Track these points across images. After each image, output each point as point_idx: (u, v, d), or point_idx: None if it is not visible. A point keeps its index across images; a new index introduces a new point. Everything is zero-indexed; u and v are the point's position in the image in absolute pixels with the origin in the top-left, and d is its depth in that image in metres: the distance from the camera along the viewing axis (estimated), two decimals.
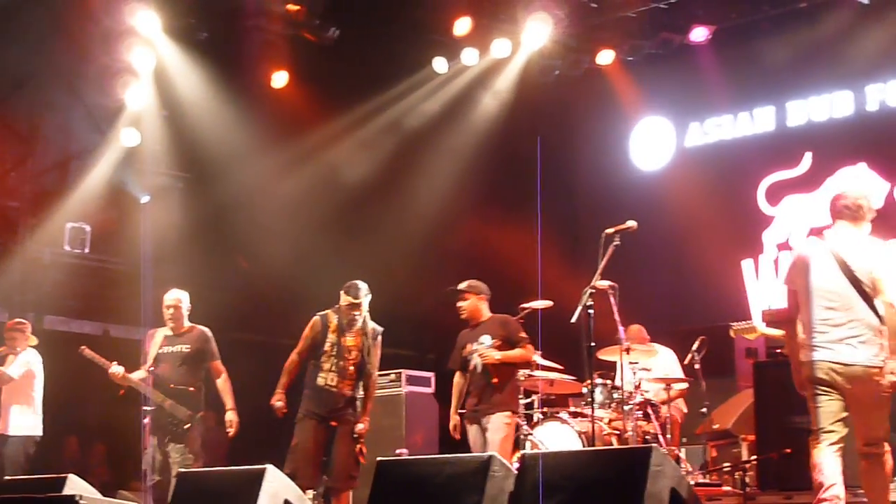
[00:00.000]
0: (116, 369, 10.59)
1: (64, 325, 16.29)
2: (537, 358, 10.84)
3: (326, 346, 9.97)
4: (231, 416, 10.74)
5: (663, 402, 10.98)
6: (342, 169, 15.86)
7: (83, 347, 10.92)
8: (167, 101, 15.41)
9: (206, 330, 11.03)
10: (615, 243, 8.70)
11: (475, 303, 10.40)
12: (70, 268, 15.98)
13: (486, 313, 10.43)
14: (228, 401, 10.75)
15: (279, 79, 15.31)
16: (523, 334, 10.25)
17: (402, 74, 15.56)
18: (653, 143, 15.57)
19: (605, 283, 9.13)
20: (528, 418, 10.91)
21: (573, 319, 8.72)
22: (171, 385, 10.68)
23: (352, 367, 9.93)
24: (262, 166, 15.67)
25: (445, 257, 15.98)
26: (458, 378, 10.57)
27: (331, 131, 15.60)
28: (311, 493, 9.42)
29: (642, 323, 12.00)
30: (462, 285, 10.43)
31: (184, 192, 16.61)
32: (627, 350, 10.44)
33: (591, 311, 8.58)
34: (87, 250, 15.97)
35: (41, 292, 15.77)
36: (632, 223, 8.78)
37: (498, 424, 9.99)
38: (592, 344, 8.71)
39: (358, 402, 9.99)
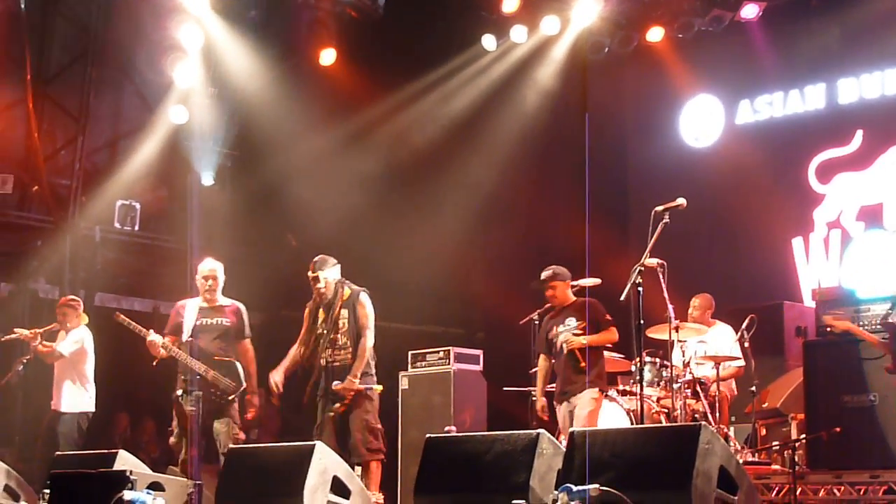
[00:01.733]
0: (154, 337, 10.43)
1: (114, 303, 16.39)
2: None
3: (317, 327, 10.07)
4: (255, 400, 10.66)
5: (716, 381, 10.92)
6: (391, 147, 15.87)
7: (117, 313, 10.90)
8: (216, 79, 15.48)
9: (242, 306, 10.97)
10: (665, 221, 8.65)
11: (562, 289, 10.59)
12: (120, 245, 16.09)
13: (570, 297, 10.62)
14: (252, 383, 10.70)
15: (327, 56, 15.32)
16: (608, 317, 10.36)
17: (450, 52, 15.55)
18: (703, 120, 15.48)
19: (654, 261, 9.08)
20: None
21: (622, 297, 8.70)
22: (215, 357, 10.53)
23: (342, 338, 9.98)
24: (311, 144, 15.69)
25: (494, 236, 16.01)
26: (542, 361, 10.73)
27: (379, 109, 15.60)
28: (358, 469, 9.45)
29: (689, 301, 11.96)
30: (546, 274, 10.59)
31: (233, 169, 16.68)
32: (677, 328, 10.40)
33: (640, 288, 8.54)
34: (136, 228, 16.08)
35: (92, 270, 15.88)
36: (681, 201, 8.74)
37: (585, 400, 10.17)
38: (641, 322, 8.69)
39: (366, 374, 9.96)
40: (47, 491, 7.64)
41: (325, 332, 10.00)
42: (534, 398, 11.18)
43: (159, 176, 16.21)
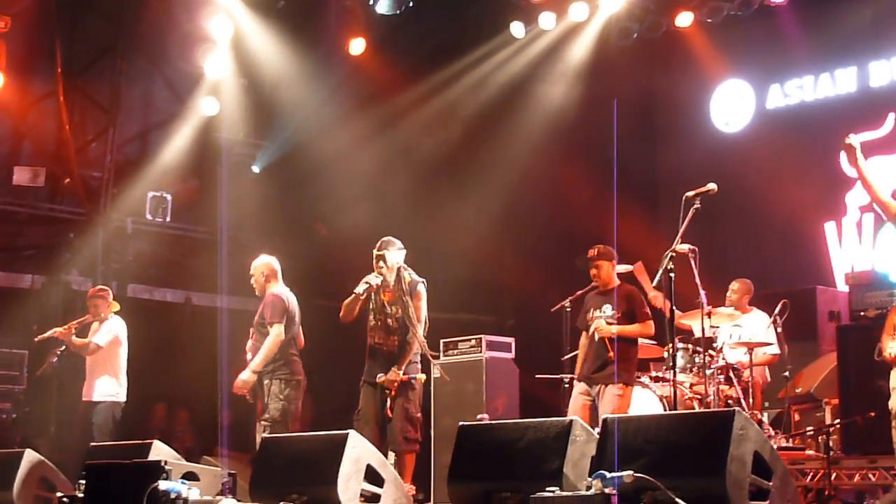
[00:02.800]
0: None
1: (147, 294, 16.47)
2: None
3: (371, 305, 10.04)
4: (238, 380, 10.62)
5: (749, 367, 10.89)
6: (421, 136, 15.87)
7: None
8: (245, 70, 15.52)
9: (274, 293, 10.85)
10: (695, 206, 8.61)
11: (608, 269, 10.38)
12: (152, 236, 16.15)
13: (615, 280, 10.43)
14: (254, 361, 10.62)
15: (357, 45, 15.33)
16: (646, 310, 10.24)
17: (479, 39, 15.53)
18: (733, 105, 15.41)
19: (686, 247, 9.04)
20: None
21: (654, 283, 8.68)
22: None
23: (393, 323, 9.93)
24: (341, 133, 15.71)
25: (525, 224, 15.99)
26: (583, 338, 10.56)
27: (408, 98, 15.61)
28: (392, 456, 9.46)
29: (722, 288, 11.92)
30: (592, 253, 10.42)
31: (262, 159, 16.72)
32: (709, 314, 10.36)
33: (671, 274, 8.51)
34: (168, 219, 16.14)
35: (124, 261, 15.95)
36: (712, 186, 8.70)
37: (609, 397, 10.01)
38: (673, 308, 8.66)
39: (411, 363, 9.94)
40: (82, 481, 7.67)
41: (377, 313, 9.98)
42: (567, 384, 11.17)
43: (190, 167, 16.27)
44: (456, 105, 15.76)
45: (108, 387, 11.88)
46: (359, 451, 7.41)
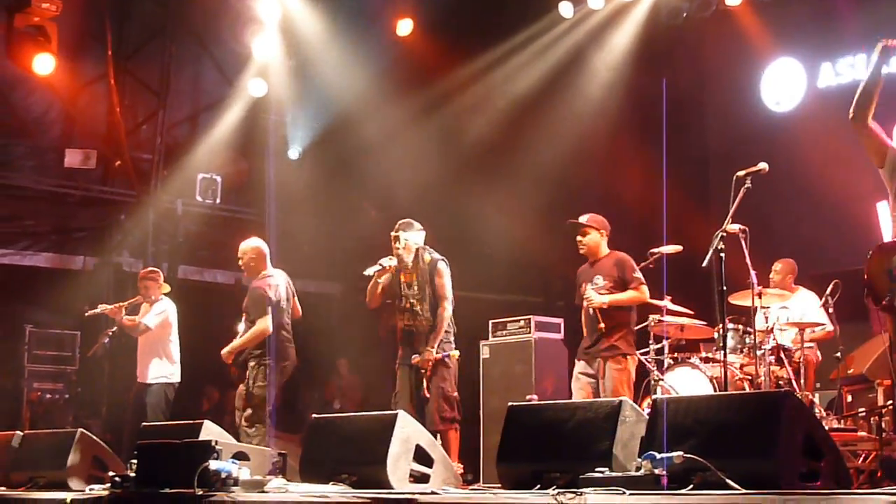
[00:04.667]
0: None
1: (197, 275, 16.57)
2: (668, 303, 10.78)
3: (398, 289, 10.04)
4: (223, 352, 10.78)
5: (800, 347, 10.81)
6: (469, 116, 15.84)
7: None
8: (293, 52, 15.55)
9: (257, 284, 10.96)
10: (746, 186, 8.54)
11: (596, 238, 10.15)
12: (202, 218, 16.24)
13: (604, 249, 10.18)
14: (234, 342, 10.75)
15: (404, 26, 15.33)
16: (638, 275, 9.98)
17: (527, 20, 15.47)
18: (784, 84, 15.28)
19: (736, 227, 8.96)
20: (659, 364, 10.86)
21: (704, 263, 8.62)
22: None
23: (417, 304, 9.95)
24: (389, 114, 15.71)
25: (575, 204, 15.92)
26: (584, 315, 10.35)
27: (457, 78, 15.59)
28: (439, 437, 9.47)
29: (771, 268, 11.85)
30: (583, 218, 10.19)
31: (310, 142, 16.76)
32: (759, 294, 10.29)
33: (722, 254, 8.44)
34: (218, 200, 16.23)
35: (174, 243, 16.06)
36: (763, 165, 8.62)
37: (609, 374, 9.80)
38: (724, 288, 8.60)
39: (443, 341, 9.95)
40: (134, 461, 7.73)
41: (403, 295, 9.99)
42: None
43: (239, 149, 16.35)
44: (504, 85, 15.73)
45: (161, 368, 11.96)
46: (408, 431, 7.42)
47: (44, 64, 13.45)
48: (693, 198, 13.77)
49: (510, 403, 7.23)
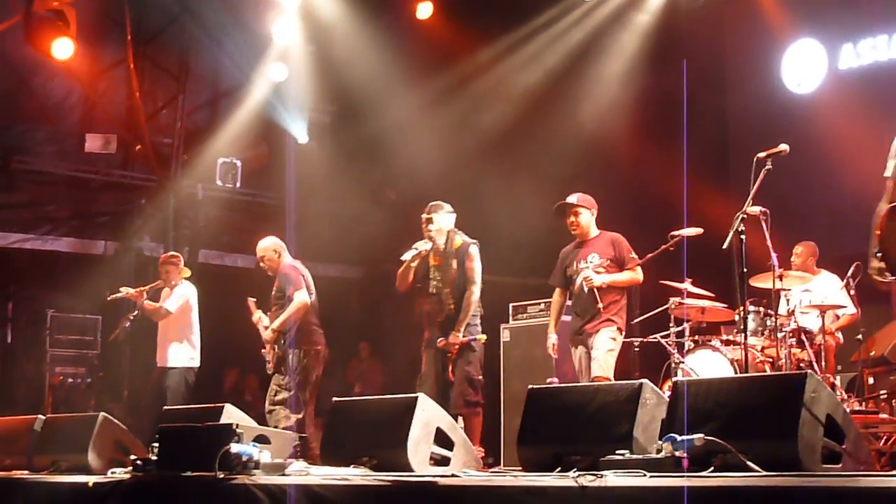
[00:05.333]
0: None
1: (218, 259, 16.62)
2: (688, 286, 10.75)
3: (426, 272, 10.03)
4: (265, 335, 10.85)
5: (821, 330, 10.76)
6: (489, 98, 15.81)
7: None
8: (313, 36, 15.54)
9: (286, 265, 11.04)
10: (767, 168, 8.50)
11: (587, 217, 10.04)
12: (222, 202, 16.28)
13: (595, 229, 10.10)
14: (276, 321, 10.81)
15: (424, 9, 15.31)
16: (633, 255, 9.92)
17: (547, 2, 15.43)
18: (804, 65, 15.20)
19: (757, 209, 8.91)
20: (679, 346, 10.84)
21: (724, 246, 8.58)
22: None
23: (445, 287, 9.92)
24: (409, 98, 15.69)
25: (593, 186, 15.87)
26: (557, 296, 10.30)
27: (477, 61, 15.56)
28: (460, 420, 9.47)
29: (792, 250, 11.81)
30: (573, 198, 10.06)
31: (331, 125, 16.76)
32: (780, 277, 10.25)
33: (742, 237, 8.41)
34: (238, 185, 16.27)
35: (195, 227, 16.10)
36: (784, 147, 8.58)
37: (603, 339, 9.65)
38: (744, 270, 8.56)
39: (470, 325, 9.94)
40: (155, 444, 7.75)
41: (431, 279, 9.97)
42: (637, 348, 11.13)
43: (259, 133, 16.36)
44: (524, 68, 15.69)
45: (181, 352, 11.99)
46: (429, 414, 7.42)
47: (63, 49, 13.48)
48: (713, 180, 13.72)
49: (530, 386, 7.22)
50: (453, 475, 6.66)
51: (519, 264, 15.41)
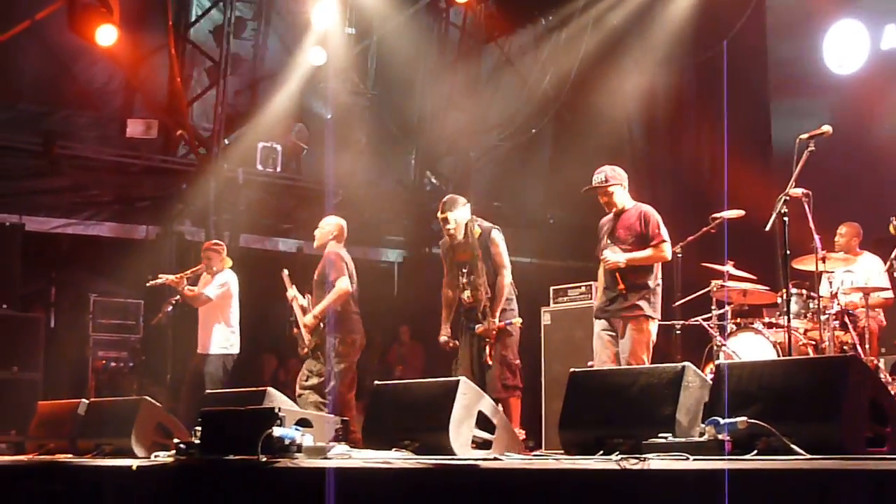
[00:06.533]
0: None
1: (259, 244, 16.66)
2: (730, 269, 10.69)
3: (454, 266, 10.00)
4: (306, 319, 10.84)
5: (864, 312, 10.68)
6: (529, 80, 15.77)
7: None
8: (352, 19, 15.53)
9: (333, 252, 10.99)
10: (810, 149, 8.44)
11: (621, 192, 9.62)
12: (263, 187, 16.31)
13: (628, 202, 9.67)
14: (317, 307, 10.80)
15: None
16: (662, 231, 9.42)
17: None
18: (847, 46, 15.08)
19: (800, 191, 8.85)
20: (722, 329, 10.79)
21: (767, 228, 8.52)
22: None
23: (476, 279, 9.84)
24: (448, 80, 15.67)
25: (635, 168, 15.84)
26: (601, 270, 9.86)
27: (517, 42, 15.52)
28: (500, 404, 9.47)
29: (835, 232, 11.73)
30: (600, 178, 9.62)
31: (371, 109, 16.75)
32: (823, 259, 10.19)
33: (785, 218, 8.35)
34: (278, 169, 16.29)
35: (236, 211, 16.13)
36: (827, 128, 8.52)
37: (629, 335, 9.32)
38: (787, 252, 8.51)
39: (506, 310, 9.87)
40: (198, 428, 7.79)
41: (461, 271, 9.95)
42: (678, 331, 11.09)
43: (299, 117, 16.38)
44: (564, 48, 15.63)
45: (221, 339, 12.00)
46: (470, 397, 7.42)
47: (106, 35, 13.55)
48: (755, 161, 13.64)
49: (572, 369, 7.21)
50: (495, 458, 6.67)
51: (559, 247, 15.41)
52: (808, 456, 5.37)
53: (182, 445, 7.81)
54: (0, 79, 14.70)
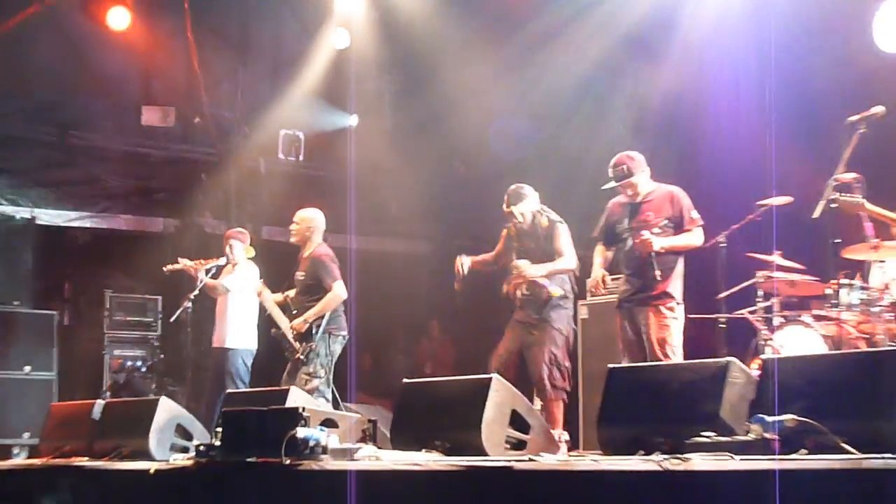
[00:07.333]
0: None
1: (282, 236, 16.61)
2: (777, 258, 10.62)
3: (512, 254, 9.94)
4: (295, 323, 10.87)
5: None
6: (566, 61, 15.67)
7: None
8: (377, 2, 15.50)
9: (322, 252, 11.08)
10: (860, 131, 8.38)
11: (644, 178, 9.41)
12: (286, 176, 16.30)
13: (651, 185, 9.45)
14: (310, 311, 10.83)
15: None
16: (696, 215, 9.25)
17: None
18: None
19: (850, 176, 8.78)
20: (768, 322, 10.72)
21: (815, 215, 8.46)
22: (295, 313, 11.03)
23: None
24: (477, 64, 15.58)
25: (676, 152, 15.75)
26: (599, 253, 9.75)
27: (550, 22, 15.41)
28: (538, 403, 9.43)
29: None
30: (621, 171, 9.35)
31: (396, 95, 16.72)
32: (876, 247, 10.10)
33: (834, 205, 8.29)
34: (301, 158, 16.27)
35: (258, 203, 16.14)
36: (879, 109, 8.45)
37: (657, 324, 9.13)
38: (837, 241, 8.44)
39: (561, 306, 9.80)
40: (219, 429, 7.79)
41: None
42: (722, 325, 11.00)
43: (322, 104, 16.37)
44: (600, 28, 15.52)
45: (238, 333, 11.98)
46: (503, 395, 7.40)
47: (119, 18, 13.59)
48: (802, 145, 13.53)
49: (610, 365, 7.18)
50: (530, 459, 6.64)
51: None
52: (861, 455, 5.32)
53: (202, 447, 7.82)
54: (11, 67, 14.72)
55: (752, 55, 14.09)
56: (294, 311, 10.94)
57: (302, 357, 10.72)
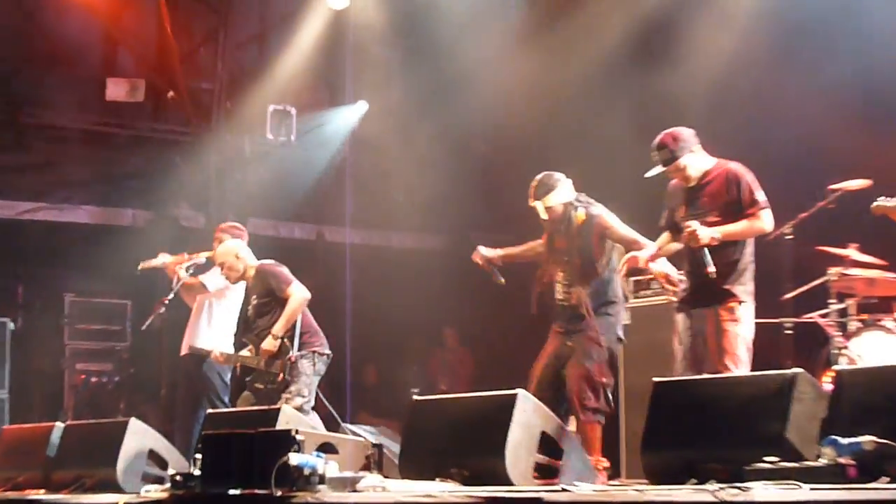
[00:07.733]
0: None
1: (271, 230, 16.68)
2: (853, 252, 10.62)
3: (552, 255, 9.91)
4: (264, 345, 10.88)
5: None
6: (597, 29, 15.67)
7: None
8: None
9: (264, 265, 11.18)
10: None
11: (693, 159, 9.08)
12: (274, 160, 16.29)
13: (705, 166, 9.13)
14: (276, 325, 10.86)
15: None
16: (759, 196, 8.87)
17: None
18: None
19: None
20: (843, 327, 10.73)
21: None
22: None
23: (575, 272, 9.72)
24: (497, 30, 15.61)
25: (729, 132, 15.75)
26: (664, 239, 9.49)
27: None
28: (572, 421, 9.43)
29: None
30: (664, 156, 9.13)
31: (404, 64, 16.72)
32: None
33: None
34: (293, 138, 16.21)
35: (242, 191, 16.14)
36: None
37: (717, 329, 8.83)
38: None
39: (605, 312, 9.75)
40: (198, 456, 7.80)
41: (557, 262, 9.84)
42: (789, 331, 11.01)
43: (317, 74, 16.37)
44: None
45: (214, 341, 11.85)
46: (530, 415, 7.41)
47: None
48: (883, 120, 13.53)
49: (655, 378, 7.19)
50: (563, 489, 6.65)
51: (637, 226, 15.32)
52: None
53: (178, 477, 7.84)
54: None
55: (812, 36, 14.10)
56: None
57: (287, 376, 10.73)
